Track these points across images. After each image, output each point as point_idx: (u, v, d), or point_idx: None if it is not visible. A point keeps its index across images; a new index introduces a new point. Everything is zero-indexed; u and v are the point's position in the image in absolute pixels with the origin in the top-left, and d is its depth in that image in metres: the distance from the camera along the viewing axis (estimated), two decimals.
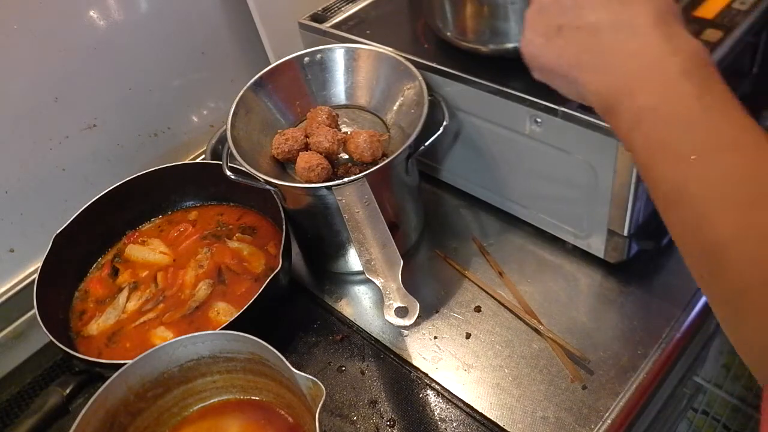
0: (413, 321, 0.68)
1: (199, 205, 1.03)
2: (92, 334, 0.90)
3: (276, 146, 0.85)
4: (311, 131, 0.86)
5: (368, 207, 0.75)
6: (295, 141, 0.85)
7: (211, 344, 0.74)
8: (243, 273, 0.91)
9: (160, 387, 0.75)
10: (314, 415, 0.64)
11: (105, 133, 1.04)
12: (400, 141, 0.85)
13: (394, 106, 0.90)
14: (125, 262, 0.97)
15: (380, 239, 0.73)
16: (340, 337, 0.87)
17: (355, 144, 0.83)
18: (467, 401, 0.78)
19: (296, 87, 0.94)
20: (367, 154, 0.83)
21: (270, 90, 0.92)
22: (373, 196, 0.75)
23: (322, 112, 0.88)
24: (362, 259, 0.72)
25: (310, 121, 0.89)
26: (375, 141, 0.84)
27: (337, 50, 0.93)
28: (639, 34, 0.52)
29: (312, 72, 0.94)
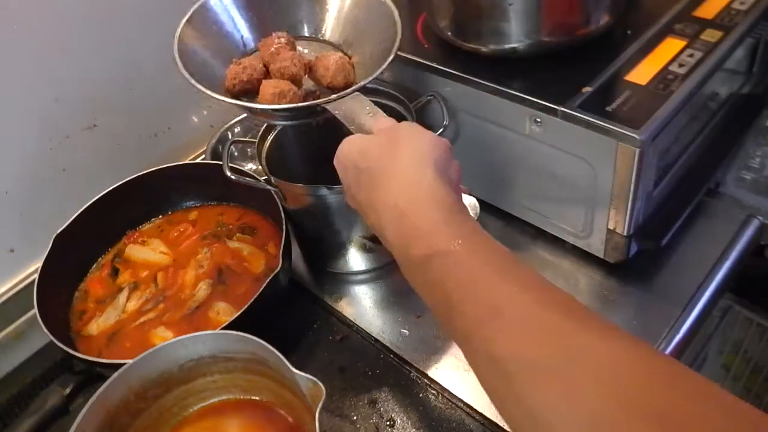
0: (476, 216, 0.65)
1: (199, 205, 1.03)
2: (92, 334, 0.89)
3: (232, 77, 0.77)
4: (270, 59, 0.78)
5: (375, 117, 0.68)
6: (254, 70, 0.77)
7: (211, 344, 0.74)
8: (243, 273, 0.91)
9: (160, 387, 0.75)
10: (314, 415, 0.64)
11: (105, 133, 1.04)
12: (364, 74, 0.78)
13: (363, 45, 0.83)
14: (125, 262, 0.97)
15: None
16: (340, 337, 0.87)
17: (324, 67, 0.76)
18: (467, 401, 0.78)
19: (251, 13, 0.84)
20: (339, 77, 0.76)
21: (220, 13, 0.83)
22: (376, 106, 0.69)
23: (281, 38, 0.80)
24: None
25: (265, 48, 0.80)
26: (346, 64, 0.77)
27: None
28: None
29: (263, 1, 0.85)
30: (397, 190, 0.57)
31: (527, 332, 0.45)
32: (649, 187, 0.80)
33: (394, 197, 0.57)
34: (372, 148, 0.62)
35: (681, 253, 0.88)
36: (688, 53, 0.79)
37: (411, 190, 0.56)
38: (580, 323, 0.45)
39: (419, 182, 0.56)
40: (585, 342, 0.43)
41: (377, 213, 0.59)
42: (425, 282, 0.54)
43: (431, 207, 0.55)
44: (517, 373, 0.44)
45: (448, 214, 0.54)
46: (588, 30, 0.82)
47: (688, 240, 0.89)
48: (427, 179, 0.56)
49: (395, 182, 0.58)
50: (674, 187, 0.87)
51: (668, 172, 0.85)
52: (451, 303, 0.50)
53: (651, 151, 0.74)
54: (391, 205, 0.57)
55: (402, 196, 0.56)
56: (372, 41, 0.82)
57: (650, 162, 0.76)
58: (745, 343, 1.29)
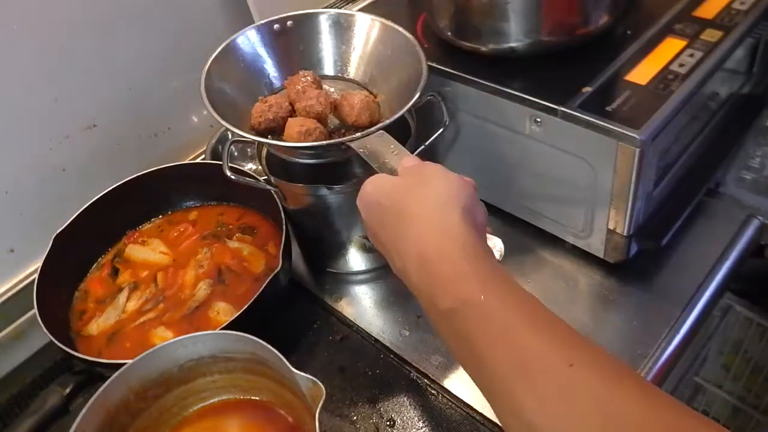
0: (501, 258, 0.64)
1: (199, 205, 1.03)
2: (92, 334, 0.89)
3: (258, 115, 0.79)
4: (296, 97, 0.80)
5: (398, 156, 0.68)
6: (280, 108, 0.79)
7: (211, 344, 0.74)
8: (243, 273, 0.91)
9: (160, 387, 0.75)
10: (314, 415, 0.64)
11: (105, 133, 1.04)
12: (388, 114, 0.80)
13: (388, 82, 0.86)
14: (125, 262, 0.97)
15: None
16: (340, 337, 0.87)
17: (350, 105, 0.78)
18: (467, 401, 0.79)
19: (277, 52, 0.87)
20: (365, 116, 0.78)
21: (247, 52, 0.86)
22: (400, 145, 0.70)
23: (307, 76, 0.82)
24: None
25: (291, 87, 0.82)
26: (371, 102, 0.79)
27: (324, 15, 0.87)
28: None
29: (294, 37, 0.88)
30: (423, 234, 0.56)
31: (561, 397, 0.44)
32: (649, 187, 0.80)
33: (419, 241, 0.56)
34: (398, 187, 0.61)
35: (681, 253, 0.88)
36: (689, 53, 0.79)
37: (437, 235, 0.55)
38: (615, 383, 0.44)
39: (446, 227, 0.55)
40: (620, 407, 0.43)
41: (401, 256, 0.57)
42: (452, 332, 0.52)
43: (458, 254, 0.53)
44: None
45: (475, 261, 0.53)
46: (587, 30, 0.81)
47: (688, 240, 0.89)
48: (455, 224, 0.55)
49: (421, 225, 0.56)
50: (674, 187, 0.87)
51: (668, 172, 0.85)
52: (479, 357, 0.49)
53: (651, 151, 0.74)
54: (416, 251, 0.55)
55: (428, 241, 0.55)
56: (397, 79, 0.83)
57: (650, 162, 0.76)
58: (745, 343, 1.29)
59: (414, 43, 0.82)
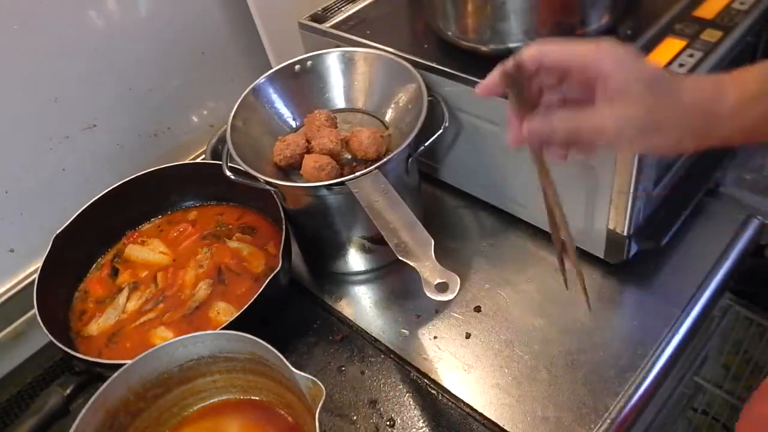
0: (455, 293, 0.67)
1: (199, 205, 1.03)
2: (92, 334, 0.90)
3: (278, 153, 0.86)
4: (312, 135, 0.87)
5: (386, 195, 0.75)
6: (297, 146, 0.85)
7: (211, 344, 0.74)
8: (243, 273, 0.91)
9: (160, 387, 0.75)
10: (314, 415, 0.64)
11: (105, 133, 1.04)
12: (400, 140, 0.85)
13: (393, 106, 0.91)
14: (125, 262, 0.97)
15: (406, 222, 0.73)
16: (340, 337, 0.87)
17: (359, 141, 0.84)
18: (467, 401, 0.79)
19: (292, 93, 0.94)
20: (372, 150, 0.84)
21: (267, 98, 0.93)
22: (389, 184, 0.76)
23: (321, 116, 0.89)
24: (391, 243, 0.71)
25: (308, 125, 0.89)
26: (378, 137, 0.84)
27: (330, 55, 0.94)
28: None
29: (306, 78, 0.95)
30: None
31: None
32: (649, 187, 0.80)
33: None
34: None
35: (681, 253, 0.88)
36: (689, 53, 0.79)
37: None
38: None
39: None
40: None
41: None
42: None
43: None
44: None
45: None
46: (587, 30, 0.81)
47: (688, 240, 0.89)
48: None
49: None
50: (674, 186, 0.87)
51: (668, 172, 0.85)
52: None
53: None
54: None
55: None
56: (402, 103, 0.89)
57: (650, 162, 0.76)
58: (745, 343, 1.29)
59: (410, 69, 0.88)
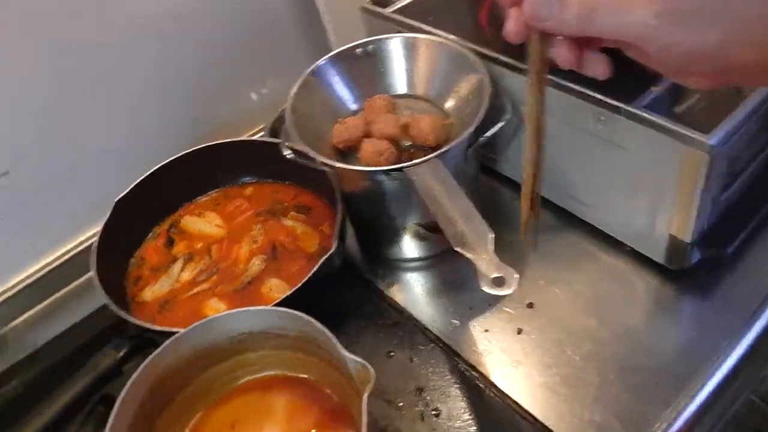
0: (513, 289, 0.65)
1: (255, 182, 1.04)
2: (146, 301, 0.91)
3: (337, 135, 0.86)
4: (371, 119, 0.86)
5: (445, 184, 0.74)
6: (356, 129, 0.85)
7: (263, 320, 0.74)
8: (296, 251, 0.92)
9: (210, 357, 0.76)
10: (362, 398, 0.64)
11: (169, 105, 1.06)
12: (461, 130, 0.84)
13: (454, 95, 0.89)
14: (181, 233, 0.99)
15: (464, 213, 0.72)
16: (390, 322, 0.87)
17: (419, 128, 0.83)
18: (514, 397, 0.77)
19: (353, 76, 0.93)
20: (431, 137, 0.82)
21: (328, 79, 0.92)
22: (449, 173, 0.75)
23: (381, 100, 0.88)
24: (448, 233, 0.71)
25: (368, 109, 0.89)
26: (438, 125, 0.83)
27: (392, 41, 0.93)
28: None
29: (368, 61, 0.94)
30: None
31: None
32: (715, 192, 0.78)
33: None
34: None
35: (747, 262, 0.85)
36: None
37: None
38: None
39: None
40: None
41: None
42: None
43: None
44: None
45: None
46: None
47: (755, 248, 0.85)
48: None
49: None
50: (743, 192, 0.84)
51: (737, 178, 0.82)
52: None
53: (720, 156, 0.72)
54: None
55: None
56: (463, 99, 0.88)
57: (718, 168, 0.74)
58: None
59: (476, 63, 0.86)
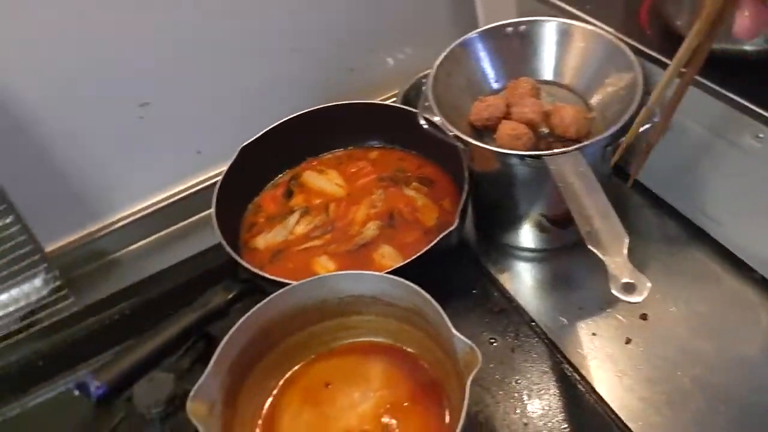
0: (642, 298, 0.62)
1: (381, 147, 1.03)
2: (258, 248, 0.93)
3: (476, 112, 0.84)
4: (513, 101, 0.84)
5: (584, 179, 0.71)
6: (496, 109, 0.83)
7: (377, 286, 0.74)
8: (414, 222, 0.91)
9: (316, 314, 0.76)
10: (464, 380, 0.63)
11: (305, 60, 1.06)
12: (602, 126, 0.81)
13: (602, 90, 0.85)
14: (300, 186, 1.00)
15: (601, 211, 0.69)
16: (497, 309, 0.85)
17: (561, 117, 0.80)
18: (613, 407, 0.75)
19: (500, 54, 0.91)
20: (572, 129, 0.80)
21: (474, 54, 0.90)
22: (589, 168, 0.72)
23: (526, 84, 0.86)
24: (582, 229, 0.68)
25: (510, 91, 0.86)
26: (581, 117, 0.80)
27: (547, 24, 0.89)
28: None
29: (517, 42, 0.91)
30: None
31: None
32: None
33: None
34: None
35: None
36: None
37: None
38: None
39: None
40: None
41: None
42: None
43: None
44: None
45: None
46: None
47: None
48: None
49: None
50: None
51: None
52: None
53: None
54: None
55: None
56: (612, 89, 0.84)
57: None
58: None
59: (632, 60, 0.82)
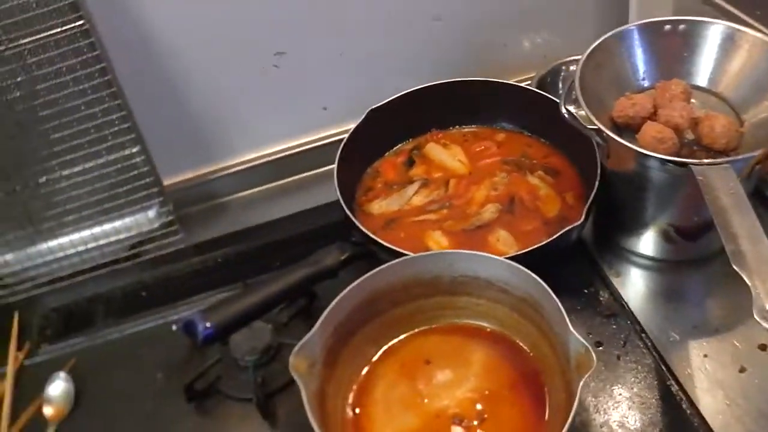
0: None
1: (510, 130, 1.01)
2: (372, 213, 0.93)
3: (620, 109, 0.81)
4: (661, 102, 0.81)
5: (734, 195, 0.67)
6: (642, 108, 0.80)
7: (494, 270, 0.73)
8: (534, 211, 0.89)
9: (427, 289, 0.76)
10: (575, 382, 0.62)
11: (444, 31, 1.05)
12: (752, 143, 0.77)
13: (761, 106, 0.80)
14: (423, 157, 0.99)
15: (750, 232, 0.65)
16: (608, 313, 0.82)
17: (710, 127, 0.77)
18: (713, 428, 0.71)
19: (654, 52, 0.87)
20: (722, 141, 0.76)
21: (628, 48, 0.86)
22: (739, 184, 0.68)
23: (678, 86, 0.82)
24: (727, 246, 0.65)
25: (660, 91, 0.83)
26: (733, 130, 0.76)
27: (711, 26, 0.84)
28: None
29: (673, 41, 0.86)
30: None
31: None
32: None
33: None
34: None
35: None
36: None
37: None
38: None
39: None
40: None
41: None
42: None
43: None
44: None
45: None
46: None
47: None
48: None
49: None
50: None
51: None
52: None
53: None
54: None
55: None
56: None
57: None
58: None
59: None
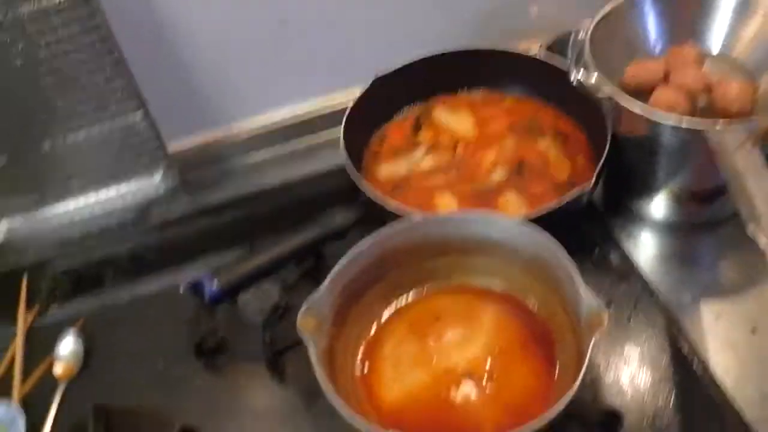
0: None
1: (519, 95, 1.00)
2: (380, 177, 0.93)
3: (631, 74, 0.81)
4: (674, 67, 0.81)
5: (749, 158, 0.67)
6: (654, 73, 0.81)
7: (505, 231, 0.73)
8: (544, 175, 0.89)
9: (437, 249, 0.76)
10: (585, 341, 0.61)
11: None
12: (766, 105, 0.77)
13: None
14: (430, 122, 0.98)
15: (766, 195, 0.65)
16: (618, 274, 0.82)
17: (724, 92, 0.77)
18: (729, 394, 0.70)
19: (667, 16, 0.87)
20: (735, 106, 0.76)
21: (640, 12, 0.86)
22: (756, 148, 0.68)
23: (690, 50, 0.82)
24: (743, 211, 0.66)
25: (672, 56, 0.83)
26: (748, 94, 0.76)
27: None
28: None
29: (686, 4, 0.86)
30: None
31: None
32: None
33: None
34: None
35: None
36: None
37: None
38: None
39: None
40: None
41: None
42: None
43: None
44: None
45: None
46: None
47: None
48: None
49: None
50: None
51: None
52: None
53: None
54: None
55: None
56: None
57: None
58: None
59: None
